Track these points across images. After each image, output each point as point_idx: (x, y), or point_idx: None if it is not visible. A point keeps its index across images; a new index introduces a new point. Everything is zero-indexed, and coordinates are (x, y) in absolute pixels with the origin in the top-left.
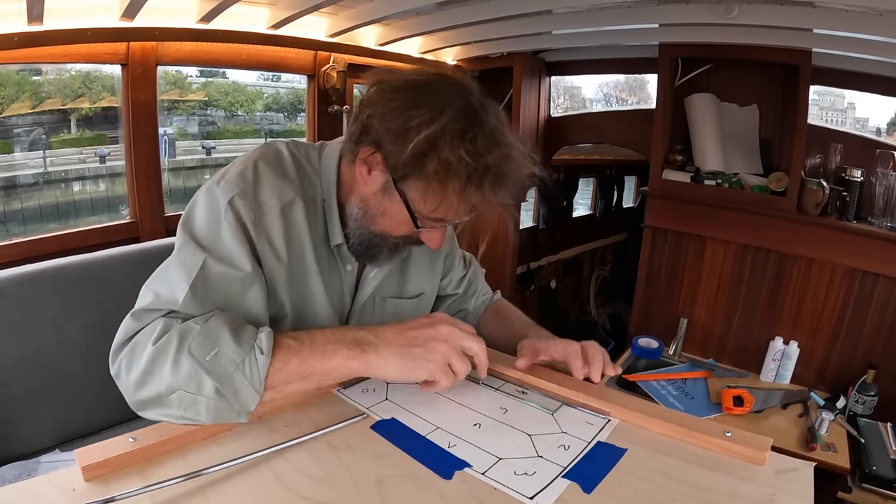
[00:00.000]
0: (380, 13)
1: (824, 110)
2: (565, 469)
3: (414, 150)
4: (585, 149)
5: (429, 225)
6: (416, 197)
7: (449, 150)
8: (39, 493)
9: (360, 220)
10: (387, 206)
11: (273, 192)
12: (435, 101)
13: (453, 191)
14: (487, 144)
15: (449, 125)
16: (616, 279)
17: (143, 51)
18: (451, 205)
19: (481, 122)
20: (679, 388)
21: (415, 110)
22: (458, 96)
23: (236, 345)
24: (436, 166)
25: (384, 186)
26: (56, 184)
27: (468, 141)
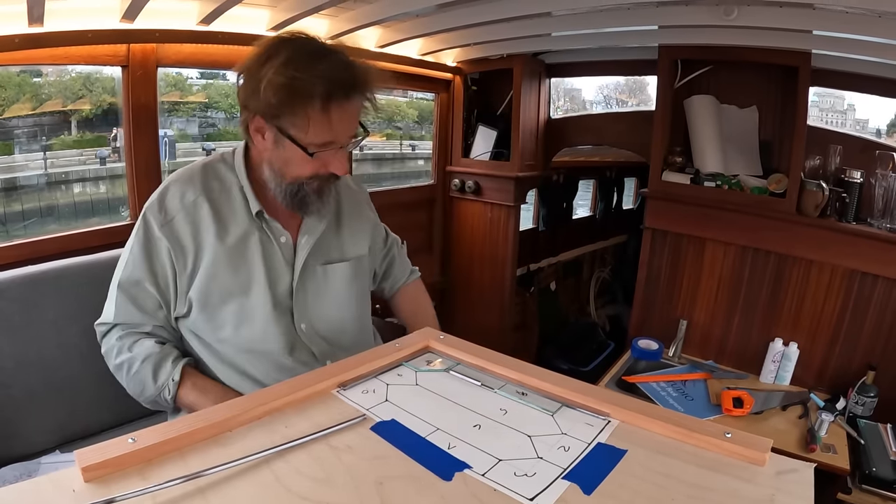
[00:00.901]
0: (380, 15)
1: (824, 112)
2: (565, 470)
3: (264, 93)
4: (585, 150)
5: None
6: (298, 133)
7: (280, 75)
8: (40, 493)
9: (275, 178)
10: (283, 154)
11: (177, 200)
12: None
13: (312, 109)
14: (313, 59)
15: (280, 60)
16: (616, 281)
17: (143, 52)
18: (318, 122)
19: (305, 47)
20: (679, 390)
21: (257, 70)
22: (290, 41)
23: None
24: (280, 95)
25: (275, 139)
26: (56, 185)
27: (294, 63)
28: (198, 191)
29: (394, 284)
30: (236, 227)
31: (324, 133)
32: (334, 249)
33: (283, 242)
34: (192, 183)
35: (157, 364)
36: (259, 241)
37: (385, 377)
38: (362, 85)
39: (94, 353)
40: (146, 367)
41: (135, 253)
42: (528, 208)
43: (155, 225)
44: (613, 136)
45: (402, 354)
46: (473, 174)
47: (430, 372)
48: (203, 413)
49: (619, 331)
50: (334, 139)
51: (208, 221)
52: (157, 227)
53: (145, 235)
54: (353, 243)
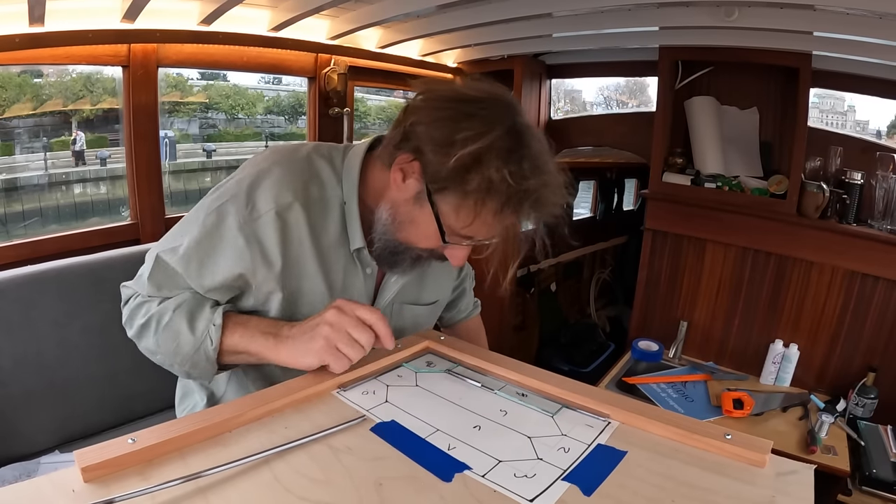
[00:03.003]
0: (381, 16)
1: (825, 113)
2: (565, 471)
3: (457, 164)
4: (586, 152)
5: (456, 241)
6: (449, 211)
7: (494, 168)
8: (39, 493)
9: (388, 226)
10: (416, 215)
11: (270, 196)
12: (484, 117)
13: (489, 210)
14: (531, 168)
15: (496, 143)
16: (616, 282)
17: (144, 53)
18: (483, 223)
19: (528, 145)
20: (679, 391)
21: (464, 123)
22: (508, 116)
23: (191, 334)
24: (478, 183)
25: (417, 196)
26: (57, 186)
27: (513, 162)
28: (297, 193)
29: (456, 315)
30: (327, 246)
31: (475, 229)
32: (414, 290)
33: (369, 274)
34: (291, 181)
35: (193, 311)
36: (344, 267)
37: (385, 378)
38: (549, 213)
39: (94, 352)
40: (179, 315)
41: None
42: None
43: (234, 220)
44: (614, 137)
45: (403, 356)
46: None
47: (430, 373)
48: (203, 413)
49: (620, 332)
50: (477, 237)
51: (301, 229)
52: (238, 223)
53: (214, 226)
54: (436, 286)
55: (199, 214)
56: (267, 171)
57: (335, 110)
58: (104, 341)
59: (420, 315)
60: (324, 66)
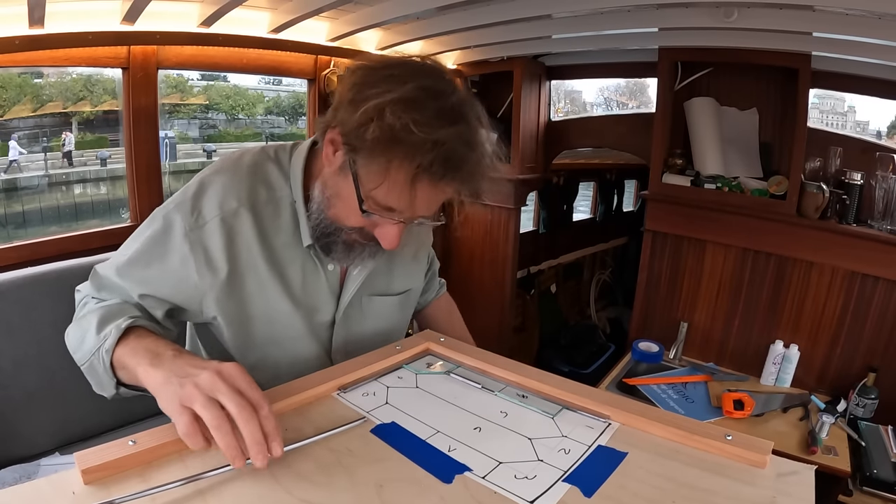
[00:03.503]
0: (380, 17)
1: (824, 114)
2: (566, 473)
3: (362, 118)
4: (585, 153)
5: (377, 211)
6: (364, 175)
7: (393, 116)
8: (39, 495)
9: (320, 203)
10: (341, 186)
11: (215, 203)
12: (400, 75)
13: (398, 169)
14: (440, 119)
15: (404, 94)
16: (616, 283)
17: (144, 54)
18: (397, 186)
19: (440, 97)
20: (679, 392)
21: (378, 83)
22: (426, 74)
23: (96, 335)
24: (378, 133)
25: (342, 165)
26: (57, 186)
27: (417, 110)
28: (242, 198)
29: (427, 299)
30: (280, 247)
31: (394, 199)
32: (383, 281)
33: (331, 271)
34: (235, 186)
35: (110, 314)
36: (302, 266)
37: (385, 380)
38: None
39: None
40: (95, 314)
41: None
42: (529, 211)
43: (180, 228)
44: (614, 138)
45: (403, 357)
46: None
47: (430, 374)
48: None
49: (620, 333)
50: (400, 211)
51: (248, 237)
52: (184, 230)
53: (160, 233)
54: (406, 275)
55: (147, 224)
56: (211, 179)
57: None
58: None
59: (390, 306)
60: (323, 67)
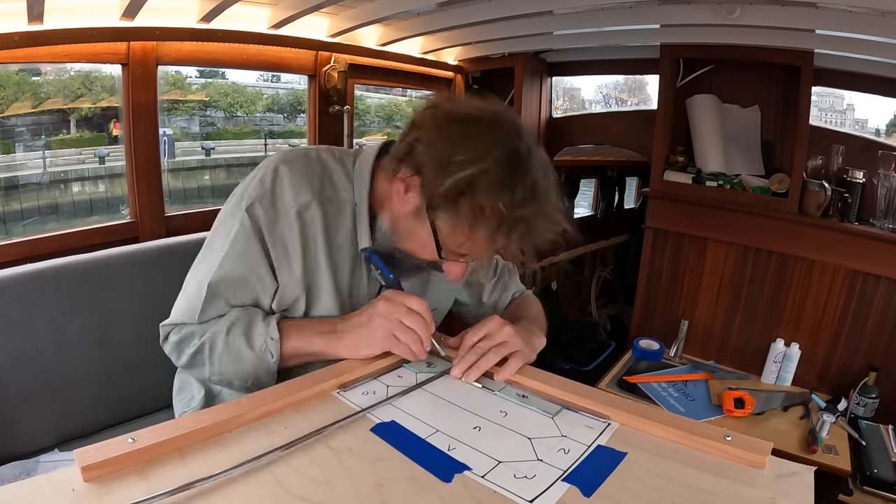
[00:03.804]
0: (381, 13)
1: (824, 111)
2: (565, 472)
3: (451, 187)
4: (586, 150)
5: (452, 258)
6: (445, 231)
7: (486, 196)
8: (38, 492)
9: (390, 233)
10: (416, 229)
11: (291, 195)
12: (483, 139)
13: (480, 236)
14: (524, 198)
15: (491, 170)
16: (617, 280)
17: (143, 50)
18: (476, 246)
19: (524, 173)
20: (680, 390)
21: (462, 145)
22: (508, 139)
23: (251, 351)
24: (469, 209)
25: (417, 211)
26: (56, 184)
27: (506, 192)
28: (315, 192)
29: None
30: (340, 245)
31: (467, 248)
32: (429, 295)
33: (373, 278)
34: (308, 180)
35: (247, 329)
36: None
37: (385, 379)
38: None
39: (92, 351)
40: (235, 335)
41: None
42: None
43: (264, 220)
44: (615, 135)
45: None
46: None
47: (430, 373)
48: (203, 413)
49: (620, 331)
50: (473, 256)
51: (317, 231)
52: (267, 222)
53: (252, 229)
54: (438, 292)
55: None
56: (283, 173)
57: (335, 108)
58: (103, 340)
59: None
60: (324, 63)
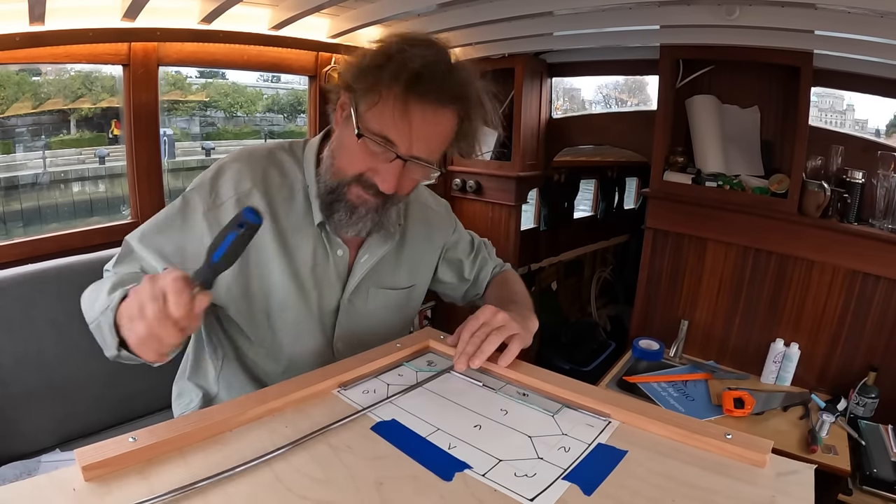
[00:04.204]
0: (381, 14)
1: (823, 112)
2: (566, 471)
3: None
4: (586, 150)
5: (372, 137)
6: (361, 106)
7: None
8: (39, 492)
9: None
10: (345, 134)
11: (231, 185)
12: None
13: (388, 89)
14: (423, 45)
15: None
16: (617, 281)
17: (144, 51)
18: (388, 104)
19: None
20: (680, 390)
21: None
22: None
23: (106, 297)
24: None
25: (347, 115)
26: (56, 184)
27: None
28: (256, 179)
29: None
30: (293, 228)
31: (387, 124)
32: (390, 273)
33: (340, 256)
34: (250, 169)
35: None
36: (313, 249)
37: (386, 377)
38: (462, 105)
39: (94, 351)
40: (109, 280)
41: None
42: (530, 208)
43: (200, 208)
44: (615, 135)
45: (403, 354)
46: (475, 174)
47: (430, 372)
48: (203, 413)
49: (620, 331)
50: (395, 140)
51: None
52: (203, 211)
53: (182, 215)
54: (411, 269)
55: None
56: (229, 165)
57: None
58: None
59: (394, 299)
60: (324, 64)
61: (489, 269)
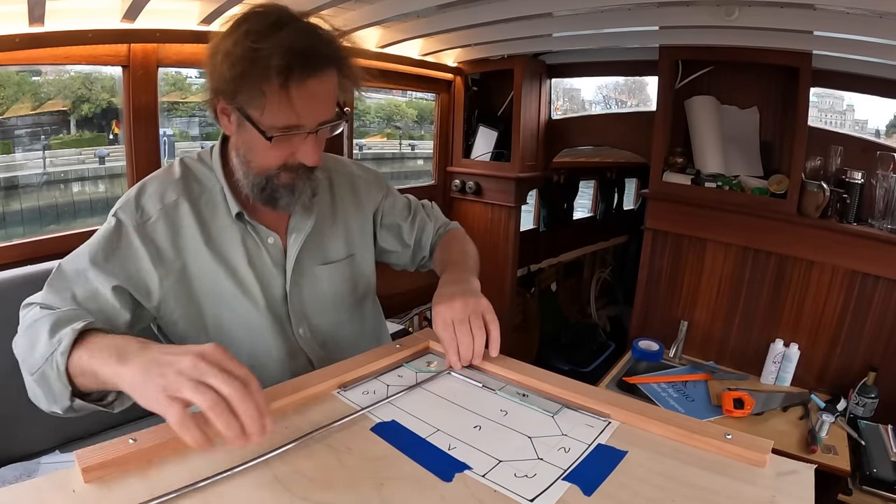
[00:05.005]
0: (380, 15)
1: (823, 112)
2: (566, 471)
3: (221, 69)
4: (586, 151)
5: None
6: (254, 113)
7: (236, 47)
8: (39, 493)
9: (242, 168)
10: (245, 138)
11: (156, 199)
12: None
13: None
14: (272, 28)
15: (237, 32)
16: (616, 281)
17: (144, 52)
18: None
19: (266, 17)
20: (679, 391)
21: (215, 47)
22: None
23: (48, 339)
24: (235, 69)
25: (238, 121)
26: (56, 185)
27: (252, 33)
28: (178, 191)
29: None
30: (220, 230)
31: (284, 114)
32: (326, 247)
33: (272, 244)
34: (171, 183)
35: (62, 320)
36: (243, 244)
37: (385, 378)
38: (330, 58)
39: None
40: (46, 320)
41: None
42: (529, 209)
43: (130, 226)
44: (614, 136)
45: (403, 355)
46: (474, 175)
47: (430, 372)
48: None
49: (620, 331)
50: (298, 122)
51: (190, 224)
52: (133, 227)
53: (114, 235)
54: (347, 240)
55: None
56: (150, 181)
57: None
58: None
59: (336, 272)
60: None
61: (431, 230)
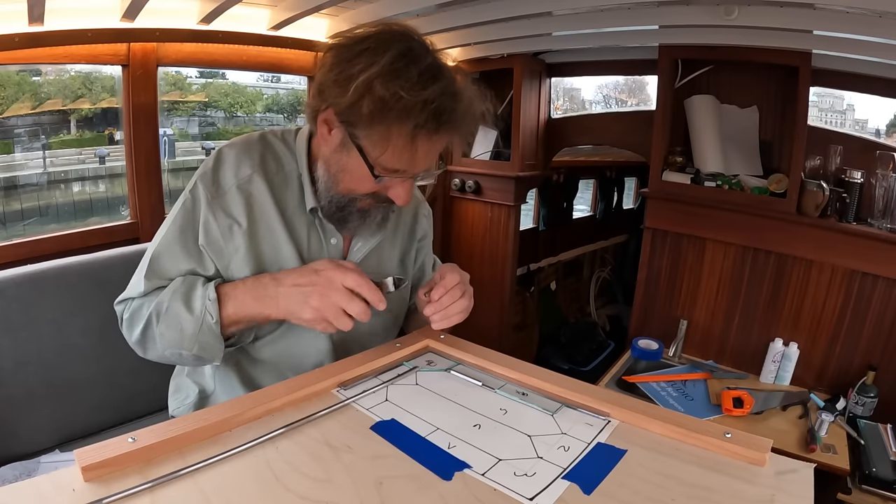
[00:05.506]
0: (380, 14)
1: (824, 112)
2: (565, 470)
3: (353, 96)
4: (585, 150)
5: (387, 175)
6: (368, 146)
7: (383, 88)
8: (39, 492)
9: (327, 181)
10: (346, 161)
11: (231, 173)
12: (374, 48)
13: (398, 133)
14: (423, 78)
15: (385, 64)
16: (616, 281)
17: (143, 52)
18: (399, 148)
19: (419, 59)
20: (679, 390)
21: (357, 59)
22: (399, 41)
23: (190, 315)
24: (372, 107)
25: (342, 142)
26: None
27: (401, 78)
28: (255, 165)
29: None
30: (292, 213)
31: (400, 161)
32: (386, 267)
33: (334, 244)
34: (249, 156)
35: (187, 293)
36: (308, 236)
37: (385, 377)
38: (463, 121)
39: (93, 352)
40: (175, 300)
41: (177, 223)
42: (529, 208)
43: (204, 198)
44: (614, 135)
45: (403, 354)
46: (474, 174)
47: (430, 371)
48: (203, 413)
49: (620, 331)
50: (407, 169)
51: (264, 200)
52: (207, 200)
53: (193, 207)
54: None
55: (175, 206)
56: (227, 153)
57: None
58: (104, 341)
59: None
60: None
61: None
